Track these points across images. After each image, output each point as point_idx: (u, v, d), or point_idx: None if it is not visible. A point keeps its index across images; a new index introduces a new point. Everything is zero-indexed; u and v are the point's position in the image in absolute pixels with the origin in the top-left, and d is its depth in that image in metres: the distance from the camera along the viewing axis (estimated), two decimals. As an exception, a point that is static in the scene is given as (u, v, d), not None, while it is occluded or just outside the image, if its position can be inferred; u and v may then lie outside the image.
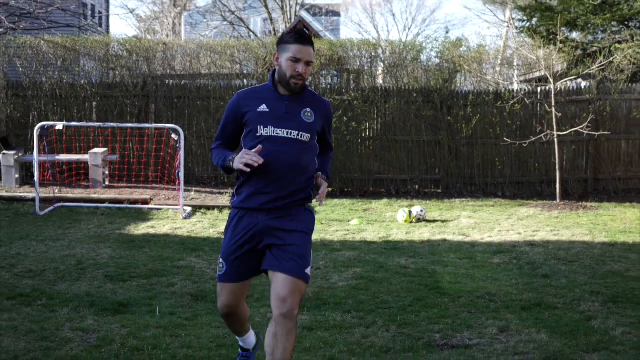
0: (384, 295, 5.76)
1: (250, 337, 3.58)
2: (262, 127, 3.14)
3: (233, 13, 31.38)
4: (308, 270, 3.09)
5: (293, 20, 27.43)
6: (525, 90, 13.14)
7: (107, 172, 12.12)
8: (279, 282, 3.00)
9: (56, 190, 11.25)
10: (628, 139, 13.06)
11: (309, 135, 3.18)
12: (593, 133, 12.50)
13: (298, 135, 3.15)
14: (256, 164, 3.01)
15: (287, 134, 3.13)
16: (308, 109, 3.19)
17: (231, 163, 3.19)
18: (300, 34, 3.14)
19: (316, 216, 10.23)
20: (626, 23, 14.57)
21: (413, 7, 60.13)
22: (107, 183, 12.01)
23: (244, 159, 3.06)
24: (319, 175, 3.25)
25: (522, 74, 14.57)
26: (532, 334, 4.83)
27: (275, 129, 3.13)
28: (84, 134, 12.42)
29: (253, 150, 3.08)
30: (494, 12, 28.04)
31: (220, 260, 3.22)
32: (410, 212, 9.96)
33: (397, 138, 12.98)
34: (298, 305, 3.02)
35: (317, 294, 5.76)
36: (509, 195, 12.87)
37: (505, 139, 12.69)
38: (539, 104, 12.92)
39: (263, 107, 3.16)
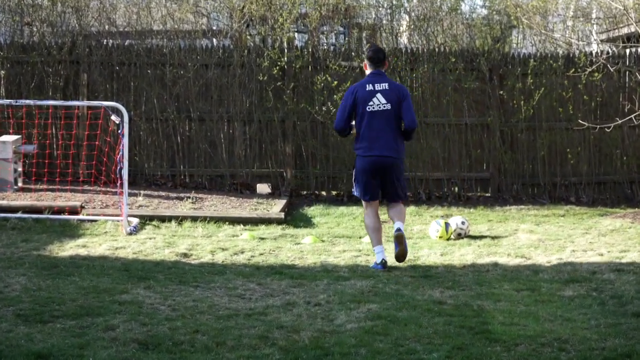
0: (410, 342, 5.73)
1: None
2: None
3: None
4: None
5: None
6: (608, 53, 13.11)
7: (20, 169, 12.08)
8: None
9: (-51, 195, 11.20)
10: None
11: None
12: None
13: None
14: None
15: None
16: None
17: None
18: None
19: (315, 231, 10.24)
20: None
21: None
22: (20, 184, 11.97)
23: None
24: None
25: (603, 31, 14.53)
26: (620, 396, 4.80)
27: None
28: (-13, 116, 12.39)
29: None
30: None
31: None
32: (447, 224, 9.92)
33: (428, 120, 12.94)
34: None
35: (317, 340, 5.73)
36: (585, 201, 12.84)
37: (580, 121, 12.66)
38: (627, 73, 12.88)
39: None
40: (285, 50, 12.84)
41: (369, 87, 8.16)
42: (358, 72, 12.78)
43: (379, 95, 8.11)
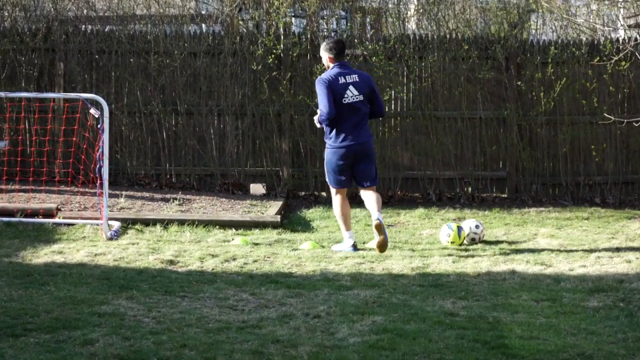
0: (419, 357, 5.73)
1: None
2: None
3: None
4: (326, 179, 9.74)
5: None
6: (636, 39, 13.10)
7: (-10, 168, 12.07)
8: None
9: None
10: None
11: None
12: None
13: None
14: None
15: None
16: None
17: None
18: None
19: (314, 235, 10.34)
20: None
21: None
22: (-10, 184, 11.97)
23: None
24: None
25: (631, 15, 14.51)
26: (650, 417, 4.80)
27: None
28: (-46, 109, 12.39)
29: None
30: None
31: None
32: (459, 228, 9.92)
33: (438, 114, 12.94)
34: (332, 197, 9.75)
35: (316, 356, 5.73)
36: (612, 203, 12.83)
37: (606, 115, 12.65)
38: (658, 61, 12.87)
39: None
40: (282, 37, 12.82)
41: (341, 79, 9.30)
42: (361, 60, 12.79)
43: (351, 87, 9.30)
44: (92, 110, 10.28)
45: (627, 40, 13.03)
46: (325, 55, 9.45)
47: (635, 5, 14.06)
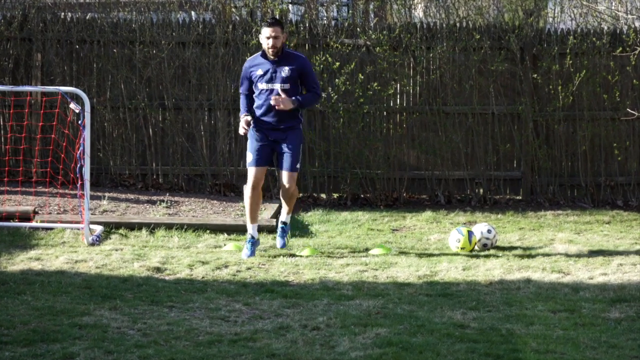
0: (426, 373, 5.74)
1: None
2: (259, 84, 9.32)
3: None
4: (297, 165, 9.52)
5: None
6: (662, 28, 13.12)
7: (-39, 167, 12.08)
8: (282, 175, 9.49)
9: None
10: None
11: (288, 85, 9.30)
12: None
13: (280, 87, 9.29)
14: (242, 133, 9.44)
15: (274, 87, 9.30)
16: (286, 67, 9.29)
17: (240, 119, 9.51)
18: (269, 21, 9.35)
19: (313, 240, 10.31)
20: None
21: None
22: (-39, 185, 11.98)
23: (240, 125, 9.40)
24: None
25: (657, 2, 14.54)
26: None
27: (267, 84, 9.30)
28: None
29: (245, 120, 9.33)
30: None
31: (248, 152, 9.55)
32: (470, 233, 9.93)
33: (447, 109, 12.95)
34: (294, 186, 9.51)
35: (315, 372, 5.74)
36: (635, 205, 12.84)
37: (629, 110, 12.65)
38: (685, 52, 12.89)
39: (259, 71, 9.31)
40: (278, 26, 12.82)
41: None
42: (364, 50, 12.79)
43: None
44: (72, 105, 10.28)
45: (652, 30, 13.05)
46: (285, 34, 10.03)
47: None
